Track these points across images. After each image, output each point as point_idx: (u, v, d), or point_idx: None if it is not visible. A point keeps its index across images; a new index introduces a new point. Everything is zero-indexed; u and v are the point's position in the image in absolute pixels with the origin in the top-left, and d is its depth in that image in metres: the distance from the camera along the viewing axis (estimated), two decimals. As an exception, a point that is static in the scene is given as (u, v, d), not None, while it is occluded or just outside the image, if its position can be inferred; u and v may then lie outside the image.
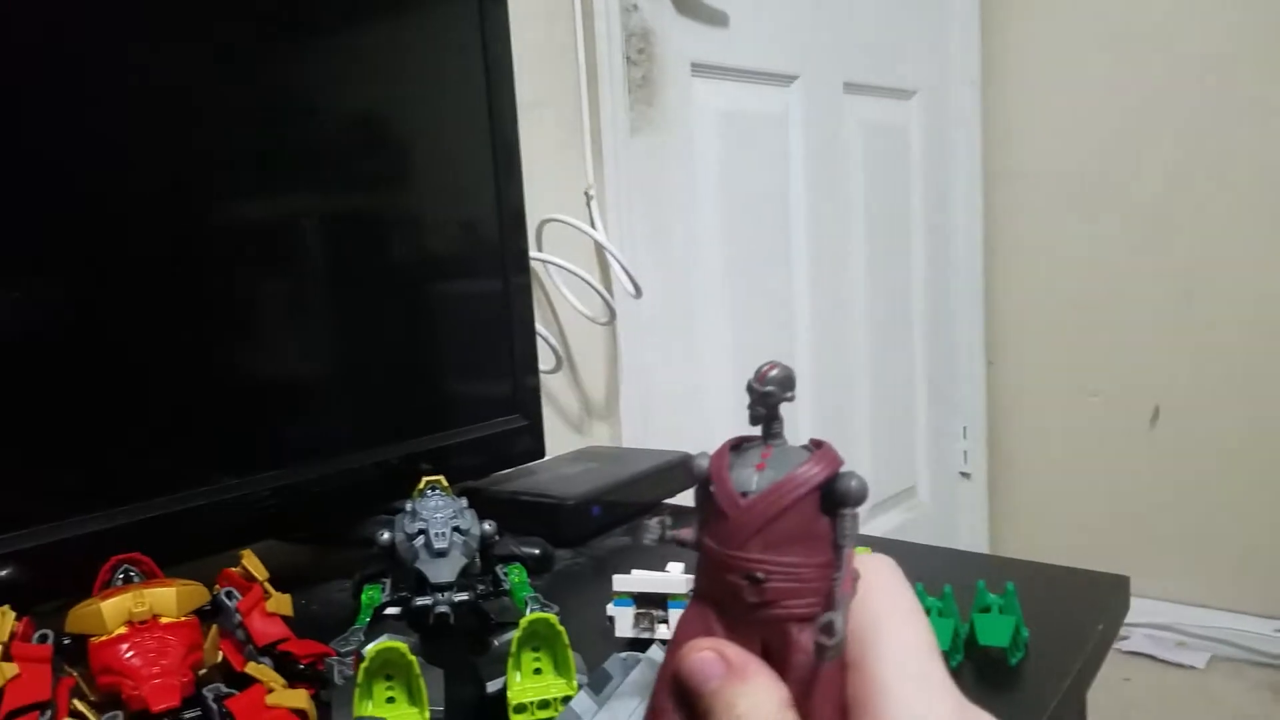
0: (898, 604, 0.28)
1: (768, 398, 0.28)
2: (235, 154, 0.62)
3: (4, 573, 0.49)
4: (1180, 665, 1.77)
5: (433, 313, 0.75)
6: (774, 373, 0.28)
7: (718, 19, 1.30)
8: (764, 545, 0.27)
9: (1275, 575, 1.78)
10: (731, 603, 0.28)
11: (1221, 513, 1.81)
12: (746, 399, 0.30)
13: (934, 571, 0.57)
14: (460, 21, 0.75)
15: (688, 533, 0.30)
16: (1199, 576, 1.84)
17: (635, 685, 0.36)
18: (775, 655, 0.29)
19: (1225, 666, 1.77)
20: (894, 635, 0.28)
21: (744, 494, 0.27)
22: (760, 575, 0.27)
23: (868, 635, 0.28)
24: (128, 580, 0.46)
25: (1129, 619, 0.60)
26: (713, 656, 0.28)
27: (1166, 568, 1.85)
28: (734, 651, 0.28)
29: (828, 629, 0.26)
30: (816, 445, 0.29)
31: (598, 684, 0.36)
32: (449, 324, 0.76)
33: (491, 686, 0.43)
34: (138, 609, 0.42)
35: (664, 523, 0.30)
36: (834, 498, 0.27)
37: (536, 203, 0.87)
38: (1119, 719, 1.58)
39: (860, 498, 0.27)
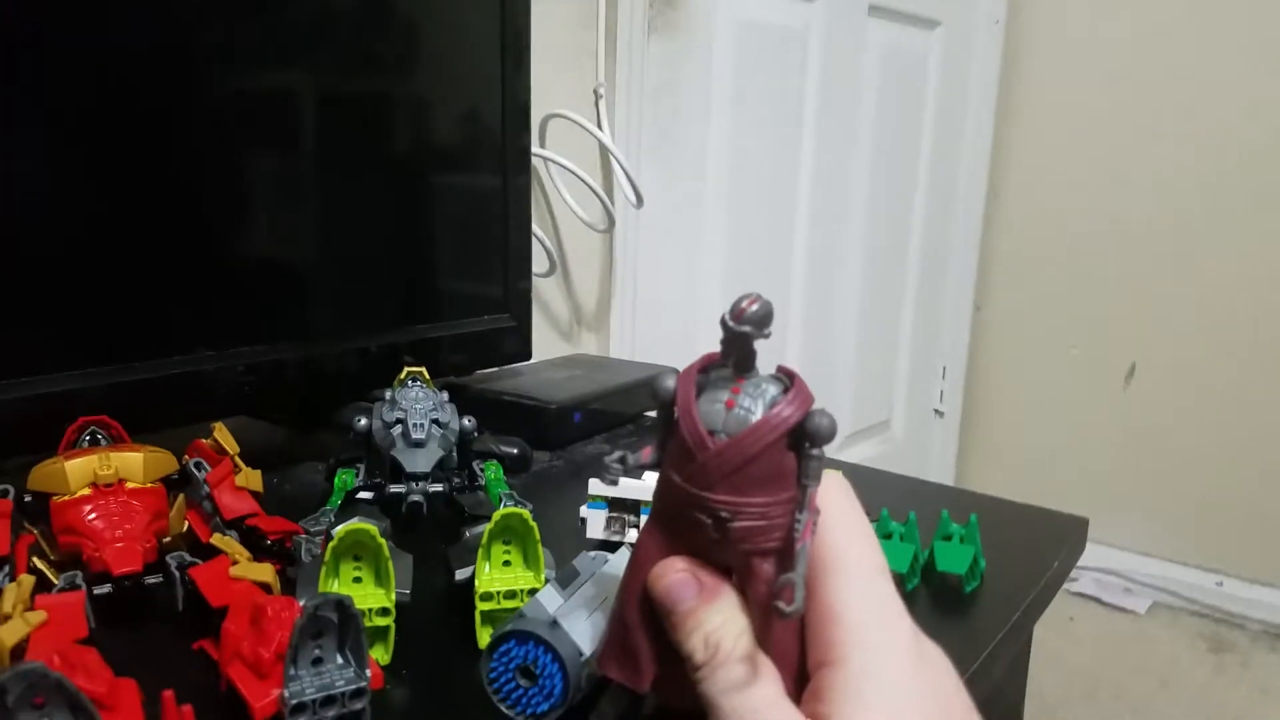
0: (850, 527, 0.29)
1: (743, 341, 0.27)
2: (230, 24, 0.59)
3: (-33, 424, 0.48)
4: (1123, 609, 1.84)
5: (427, 202, 0.73)
6: (753, 309, 0.26)
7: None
8: (731, 488, 0.27)
9: (1222, 532, 1.84)
10: (694, 534, 0.28)
11: (1179, 469, 1.87)
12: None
13: (901, 500, 0.58)
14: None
15: (648, 453, 0.30)
16: (1151, 528, 1.91)
17: (601, 583, 0.36)
18: (737, 579, 0.29)
19: (1165, 614, 1.84)
20: (847, 561, 0.28)
21: (712, 432, 0.27)
22: (726, 515, 0.27)
23: (821, 560, 0.28)
24: (94, 443, 0.46)
25: (1079, 563, 0.61)
26: (687, 578, 0.28)
27: (1122, 517, 1.91)
28: (706, 575, 0.29)
29: (785, 593, 0.26)
30: (786, 375, 0.28)
31: (565, 579, 0.36)
32: (443, 215, 0.74)
33: (460, 574, 0.43)
34: (103, 471, 0.41)
35: (624, 459, 0.29)
36: (803, 436, 0.27)
37: (542, 95, 0.84)
38: (1060, 655, 1.64)
39: (829, 437, 0.27)
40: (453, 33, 0.72)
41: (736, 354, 0.27)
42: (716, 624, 0.27)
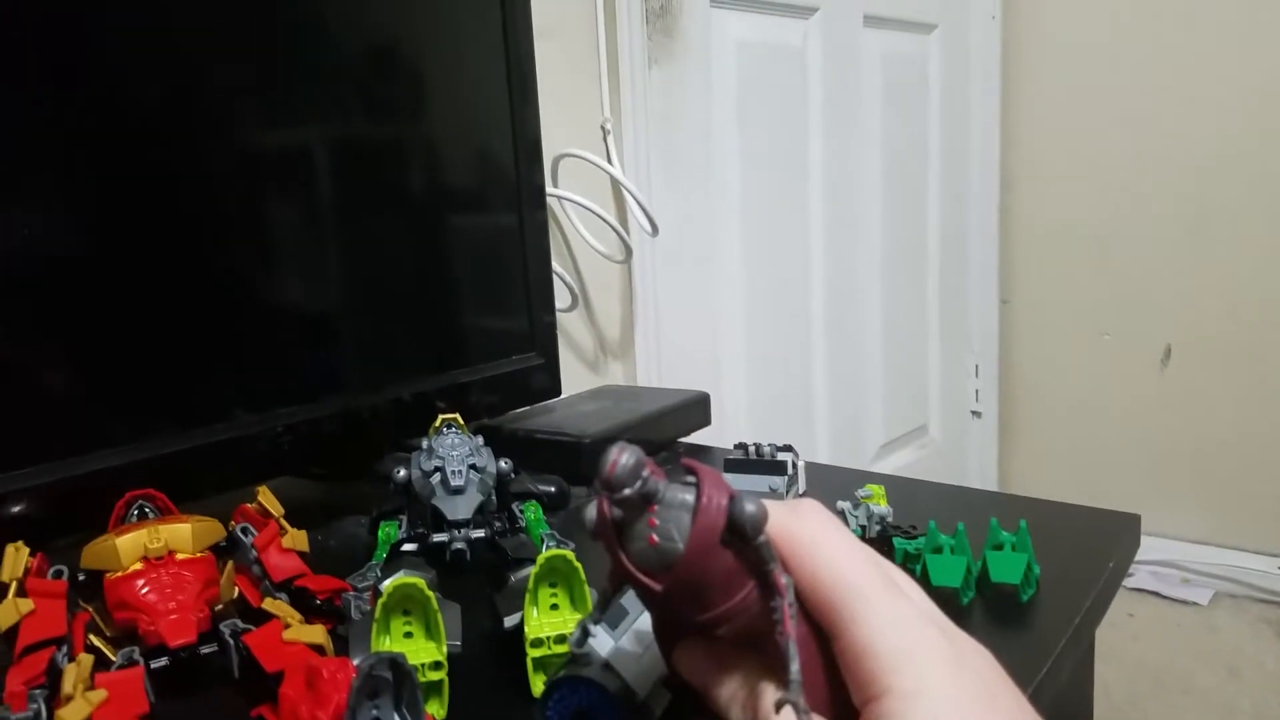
0: (838, 552, 0.28)
1: (625, 504, 0.26)
2: (249, 79, 0.60)
3: (18, 509, 0.49)
4: (1184, 602, 1.79)
5: (448, 248, 0.73)
6: (621, 463, 0.25)
7: (737, -54, 1.26)
8: (703, 607, 0.27)
9: (1279, 513, 1.78)
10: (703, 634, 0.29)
11: (1228, 452, 1.82)
12: (758, 340, 0.29)
13: (948, 509, 0.57)
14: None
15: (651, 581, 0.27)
16: (1205, 515, 1.85)
17: (650, 620, 0.36)
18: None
19: (1228, 603, 1.78)
20: (854, 589, 0.28)
21: (650, 572, 0.26)
22: (710, 627, 0.27)
23: (828, 599, 0.28)
24: (142, 516, 0.46)
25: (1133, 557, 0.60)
26: (703, 659, 0.30)
27: (1173, 506, 1.86)
28: (720, 648, 0.29)
29: (794, 706, 0.25)
30: (693, 473, 0.27)
31: (614, 619, 0.36)
32: (465, 260, 0.74)
33: (509, 621, 0.43)
34: (153, 545, 0.42)
35: (585, 630, 0.30)
36: (738, 533, 0.26)
37: (552, 137, 0.85)
38: (1123, 651, 1.60)
39: (760, 523, 0.26)
40: (460, 78, 0.73)
41: (637, 498, 0.26)
42: (750, 689, 0.28)
